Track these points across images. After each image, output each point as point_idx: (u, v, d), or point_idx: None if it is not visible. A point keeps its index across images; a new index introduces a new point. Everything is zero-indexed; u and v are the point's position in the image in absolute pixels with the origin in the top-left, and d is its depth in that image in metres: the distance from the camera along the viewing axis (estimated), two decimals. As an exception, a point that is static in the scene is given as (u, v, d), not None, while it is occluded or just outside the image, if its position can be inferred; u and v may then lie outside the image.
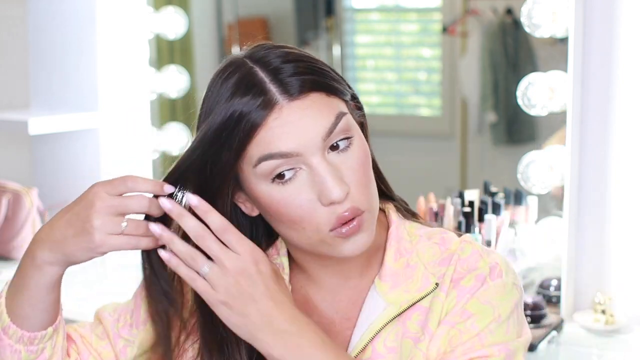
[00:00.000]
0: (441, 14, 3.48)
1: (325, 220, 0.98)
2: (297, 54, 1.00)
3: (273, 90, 0.96)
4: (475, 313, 1.01)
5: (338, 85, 1.00)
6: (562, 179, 1.95)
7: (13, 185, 2.50)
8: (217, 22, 3.48)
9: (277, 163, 0.96)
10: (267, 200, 0.99)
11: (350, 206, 0.98)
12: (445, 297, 1.03)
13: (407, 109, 3.69)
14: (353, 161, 0.99)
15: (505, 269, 1.05)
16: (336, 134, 0.97)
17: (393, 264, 1.06)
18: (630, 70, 1.89)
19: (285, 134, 0.95)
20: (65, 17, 2.56)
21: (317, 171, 0.96)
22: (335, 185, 0.96)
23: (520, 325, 1.04)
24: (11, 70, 2.71)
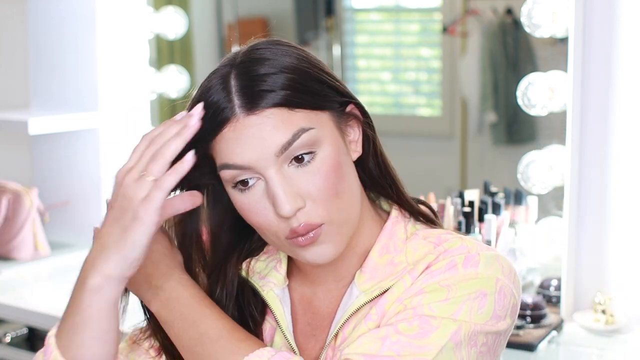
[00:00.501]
0: (441, 14, 3.47)
1: (281, 229, 0.99)
2: (283, 65, 0.99)
3: (234, 102, 0.97)
4: (428, 291, 0.98)
5: (312, 99, 0.99)
6: (562, 179, 1.95)
7: (13, 185, 2.50)
8: (217, 22, 3.48)
9: (235, 173, 0.98)
10: (233, 202, 1.02)
11: (304, 222, 0.98)
12: (412, 281, 1.02)
13: (407, 109, 3.69)
14: (314, 175, 0.98)
15: (485, 262, 1.00)
16: (295, 149, 0.97)
17: (377, 259, 1.06)
18: (630, 70, 1.89)
19: (240, 147, 0.97)
20: (65, 17, 2.56)
21: (269, 184, 0.97)
22: (285, 202, 0.96)
23: (483, 315, 0.97)
24: (11, 70, 2.71)
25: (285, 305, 1.10)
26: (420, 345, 0.94)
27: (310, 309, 1.11)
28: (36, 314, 2.08)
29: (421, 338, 0.94)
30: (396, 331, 0.95)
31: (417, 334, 0.95)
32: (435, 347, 0.94)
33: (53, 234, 2.61)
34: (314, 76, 1.00)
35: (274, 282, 1.10)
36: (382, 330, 0.97)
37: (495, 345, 1.01)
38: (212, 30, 3.46)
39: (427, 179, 3.14)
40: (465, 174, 3.35)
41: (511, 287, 1.01)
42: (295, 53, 1.01)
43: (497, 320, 0.99)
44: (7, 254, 2.46)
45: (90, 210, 2.60)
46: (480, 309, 0.97)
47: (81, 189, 2.61)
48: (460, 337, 0.95)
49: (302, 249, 1.00)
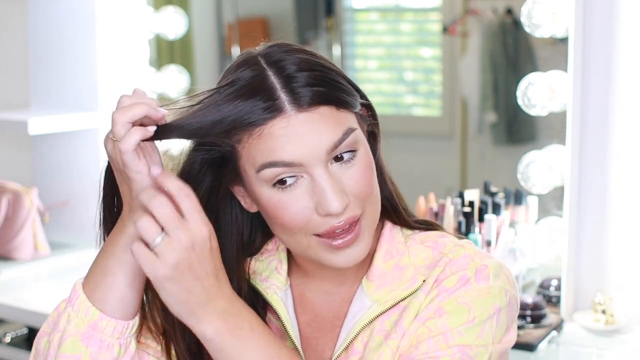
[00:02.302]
0: (441, 14, 3.47)
1: (318, 227, 0.98)
2: (313, 63, 0.99)
3: (283, 98, 0.95)
4: (449, 312, 1.00)
5: (349, 98, 1.00)
6: (562, 179, 1.95)
7: (13, 185, 2.50)
8: (217, 22, 3.48)
9: (279, 171, 0.96)
10: (265, 202, 1.00)
11: (345, 217, 0.98)
12: (425, 296, 1.03)
13: (407, 109, 3.68)
14: (355, 173, 0.99)
15: (494, 273, 1.02)
16: (342, 148, 0.98)
17: (382, 265, 1.06)
18: (630, 70, 1.89)
19: (290, 144, 0.95)
20: (65, 17, 2.56)
21: (318, 182, 0.97)
22: (334, 199, 0.96)
23: (500, 330, 1.01)
24: (11, 70, 2.71)
25: (289, 307, 1.10)
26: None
27: (311, 310, 1.11)
28: (36, 314, 2.08)
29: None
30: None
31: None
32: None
33: (53, 234, 2.61)
34: (343, 75, 1.02)
35: (277, 284, 1.10)
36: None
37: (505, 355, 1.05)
38: (212, 30, 3.46)
39: (427, 179, 3.13)
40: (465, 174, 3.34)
41: (515, 294, 1.04)
42: (315, 53, 1.02)
43: (508, 332, 1.03)
44: (7, 254, 2.46)
45: (90, 210, 2.57)
46: (498, 325, 1.00)
47: (81, 189, 2.61)
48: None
49: (334, 251, 0.99)
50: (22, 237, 2.45)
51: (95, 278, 1.01)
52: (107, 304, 0.99)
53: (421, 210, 2.06)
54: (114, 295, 0.99)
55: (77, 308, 1.00)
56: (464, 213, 2.00)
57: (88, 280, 1.01)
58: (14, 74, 2.71)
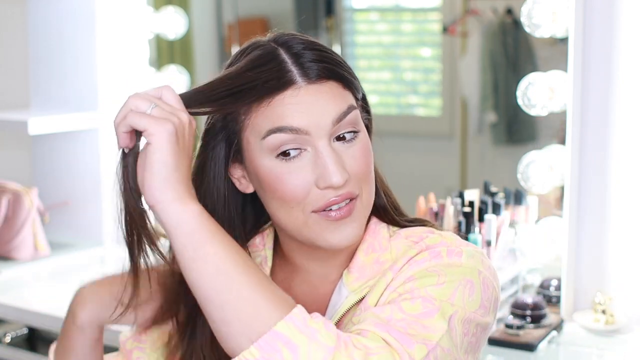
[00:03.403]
0: (441, 14, 3.47)
1: (314, 202, 1.00)
2: (318, 44, 1.04)
3: (294, 71, 1.00)
4: (418, 277, 0.99)
5: (353, 80, 1.05)
6: (562, 179, 1.95)
7: (13, 185, 2.50)
8: (217, 22, 3.48)
9: (285, 138, 0.99)
10: (265, 174, 1.01)
11: (343, 192, 1.00)
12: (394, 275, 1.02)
13: (407, 108, 3.69)
14: (356, 152, 1.02)
15: (467, 254, 1.02)
16: (345, 124, 1.01)
17: (363, 258, 1.08)
18: (630, 70, 1.89)
19: (299, 111, 0.99)
20: (65, 17, 2.56)
21: (321, 154, 1.00)
22: (336, 171, 0.99)
23: (473, 303, 0.99)
24: (11, 70, 2.71)
25: None
26: (426, 326, 0.94)
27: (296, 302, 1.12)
28: (36, 314, 2.08)
29: (426, 318, 0.95)
30: (400, 309, 0.96)
31: (422, 314, 0.95)
32: (439, 329, 0.94)
33: (53, 234, 2.61)
34: (347, 65, 1.06)
35: None
36: (385, 309, 0.96)
37: (480, 340, 1.02)
38: (212, 30, 3.46)
39: (427, 179, 3.14)
40: (465, 174, 3.35)
41: (492, 280, 1.03)
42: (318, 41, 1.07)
43: (484, 311, 1.00)
44: (7, 254, 2.46)
45: (90, 210, 2.60)
46: (470, 297, 0.99)
47: (81, 189, 2.61)
48: (455, 322, 0.97)
49: (329, 227, 1.01)
50: (22, 237, 2.45)
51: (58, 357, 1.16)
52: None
53: (421, 210, 2.06)
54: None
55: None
56: (464, 213, 2.00)
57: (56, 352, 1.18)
58: (14, 74, 2.71)
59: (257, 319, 0.89)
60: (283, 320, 0.88)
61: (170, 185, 0.90)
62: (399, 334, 0.92)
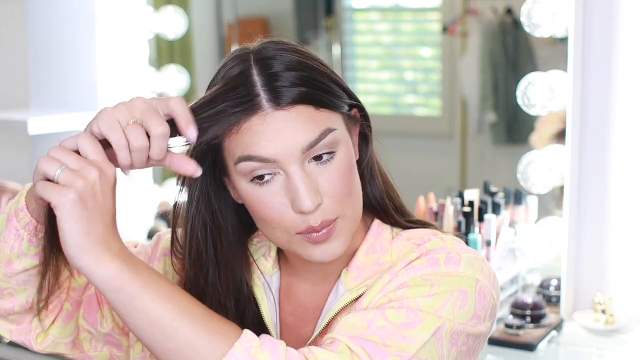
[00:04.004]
0: (441, 14, 3.47)
1: (295, 225, 1.00)
2: (301, 63, 1.00)
3: (261, 96, 0.97)
4: (411, 285, 0.99)
5: (332, 99, 1.01)
6: (562, 179, 1.95)
7: (13, 185, 2.50)
8: (217, 22, 3.48)
9: (255, 165, 0.98)
10: (244, 196, 1.02)
11: (322, 220, 0.99)
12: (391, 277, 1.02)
13: (407, 109, 3.68)
14: (332, 174, 1.00)
15: (466, 262, 1.01)
16: (319, 148, 0.99)
17: (363, 258, 1.08)
18: (630, 70, 1.89)
19: (266, 140, 0.97)
20: (65, 17, 2.56)
21: (292, 179, 0.98)
22: (307, 197, 0.97)
23: (465, 314, 0.98)
24: (11, 70, 2.71)
25: (275, 293, 1.12)
26: (405, 336, 0.94)
27: (295, 300, 1.13)
28: (36, 314, 2.08)
29: (407, 329, 0.95)
30: (383, 316, 0.96)
31: (404, 324, 0.95)
32: (419, 341, 0.94)
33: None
34: (332, 77, 1.03)
35: (262, 269, 1.12)
36: (369, 313, 0.97)
37: (475, 347, 1.02)
38: (212, 30, 3.46)
39: (427, 179, 3.13)
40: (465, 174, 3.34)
41: (490, 288, 1.02)
42: (306, 52, 1.03)
43: (477, 321, 1.00)
44: (7, 254, 2.46)
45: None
46: (462, 308, 0.98)
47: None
48: (442, 334, 0.96)
49: (312, 246, 1.01)
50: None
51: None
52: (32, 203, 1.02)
53: (421, 210, 2.06)
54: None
55: (18, 197, 1.06)
56: (464, 213, 2.00)
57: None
58: (14, 74, 2.70)
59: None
60: (225, 358, 0.89)
61: (85, 251, 0.90)
62: (374, 347, 0.92)
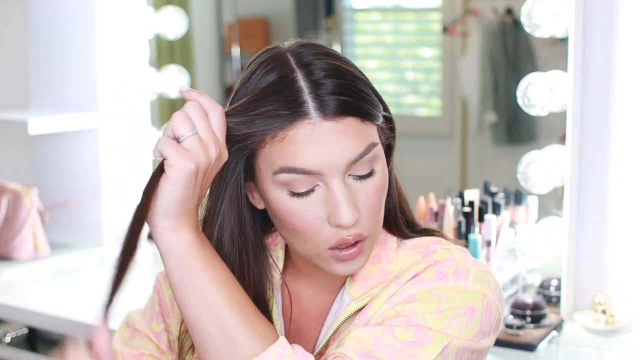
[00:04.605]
0: (441, 14, 3.47)
1: (328, 239, 0.98)
2: (342, 70, 0.98)
3: (309, 104, 0.94)
4: (419, 300, 0.99)
5: (374, 111, 0.99)
6: (562, 179, 1.95)
7: (13, 185, 2.50)
8: (217, 22, 3.48)
9: (297, 177, 0.96)
10: (276, 206, 0.99)
11: (355, 232, 0.98)
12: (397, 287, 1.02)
13: (407, 108, 3.69)
14: (370, 190, 0.99)
15: (474, 276, 1.01)
16: (362, 163, 0.97)
17: (368, 267, 1.06)
18: (630, 70, 1.89)
19: (312, 152, 0.94)
20: (65, 17, 2.56)
21: (333, 193, 0.96)
22: (347, 211, 0.96)
23: (471, 330, 0.98)
24: (11, 70, 2.71)
25: (278, 302, 1.11)
26: (412, 355, 0.94)
27: (297, 306, 1.12)
28: (36, 314, 2.08)
29: (414, 347, 0.95)
30: (392, 334, 0.96)
31: (411, 342, 0.95)
32: (426, 359, 0.95)
33: (53, 234, 2.61)
34: (370, 85, 1.01)
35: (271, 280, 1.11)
36: (378, 329, 0.97)
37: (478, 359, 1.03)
38: (212, 30, 3.46)
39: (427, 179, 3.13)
40: (465, 174, 3.35)
41: (497, 302, 1.03)
42: (344, 58, 1.01)
43: (482, 337, 1.00)
44: (7, 254, 2.46)
45: (90, 210, 2.60)
46: (469, 325, 0.98)
47: (81, 189, 2.61)
48: (448, 352, 0.96)
49: (338, 262, 1.00)
50: (22, 237, 2.45)
51: None
52: None
53: (421, 210, 2.06)
54: None
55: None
56: (464, 213, 2.00)
57: None
58: (14, 74, 2.71)
59: (233, 354, 0.92)
60: (257, 357, 0.91)
61: (170, 215, 0.92)
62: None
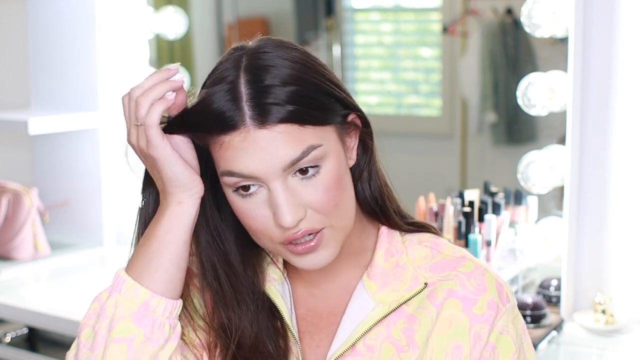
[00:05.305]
0: (441, 14, 3.47)
1: (277, 235, 1.00)
2: (289, 76, 0.97)
3: (244, 112, 0.95)
4: (497, 345, 1.04)
5: (318, 113, 0.98)
6: (562, 179, 1.95)
7: (13, 185, 2.50)
8: (217, 22, 3.48)
9: (238, 180, 0.98)
10: (231, 205, 1.02)
11: (304, 229, 0.99)
12: (438, 312, 1.04)
13: (407, 109, 3.68)
14: (317, 188, 0.99)
15: (508, 291, 1.07)
16: (302, 163, 0.97)
17: (383, 263, 1.07)
18: (630, 70, 1.89)
19: (246, 158, 0.96)
20: (65, 17, 2.56)
21: (273, 195, 0.98)
22: (287, 212, 0.97)
23: (529, 345, 1.09)
24: (11, 70, 2.71)
25: (287, 300, 1.11)
26: None
27: (304, 305, 1.12)
28: (36, 314, 2.08)
29: None
30: None
31: None
32: None
33: (53, 234, 2.61)
34: (323, 89, 1.00)
35: (274, 277, 1.11)
36: None
37: None
38: (212, 30, 3.46)
39: (427, 179, 3.14)
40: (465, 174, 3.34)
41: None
42: (303, 60, 1.00)
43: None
44: (7, 254, 2.46)
45: (90, 210, 2.60)
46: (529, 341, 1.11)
47: (81, 189, 2.61)
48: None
49: (296, 255, 1.01)
50: (22, 237, 2.45)
51: (141, 263, 1.03)
52: (156, 285, 1.01)
53: (421, 210, 2.06)
54: (161, 277, 1.02)
55: (125, 292, 1.01)
56: (464, 213, 2.00)
57: (133, 266, 1.03)
58: (14, 74, 2.71)
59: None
60: None
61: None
62: None
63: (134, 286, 1.01)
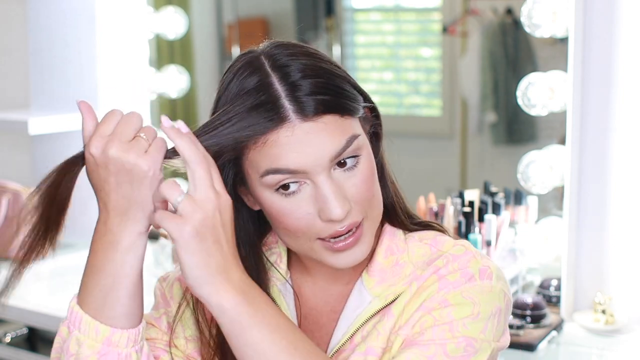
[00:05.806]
0: (441, 14, 3.47)
1: (323, 231, 1.00)
2: (318, 68, 0.99)
3: (287, 107, 0.96)
4: (454, 304, 1.01)
5: (353, 104, 1.00)
6: (562, 179, 1.95)
7: (13, 185, 2.50)
8: (217, 22, 3.47)
9: (283, 177, 0.97)
10: (267, 207, 1.01)
11: (347, 223, 0.99)
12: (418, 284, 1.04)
13: (407, 109, 3.68)
14: (358, 179, 1.00)
15: (496, 275, 1.04)
16: (346, 154, 0.99)
17: (382, 261, 1.08)
18: (630, 70, 1.89)
19: (295, 152, 0.96)
20: (65, 17, 2.56)
21: (320, 189, 0.98)
22: (337, 206, 0.97)
23: (499, 331, 1.03)
24: (11, 70, 2.71)
25: (289, 301, 1.11)
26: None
27: (306, 303, 1.12)
28: (36, 314, 2.08)
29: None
30: (444, 352, 0.98)
31: (462, 356, 0.98)
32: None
33: (53, 234, 2.61)
34: (349, 80, 1.02)
35: (276, 277, 1.12)
36: (430, 349, 0.99)
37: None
38: (212, 30, 3.46)
39: (427, 179, 3.13)
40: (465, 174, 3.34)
41: (510, 296, 1.07)
42: (320, 56, 1.02)
43: (503, 334, 1.05)
44: (7, 254, 2.46)
45: (90, 210, 2.60)
46: (498, 326, 1.03)
47: (81, 189, 2.61)
48: (488, 358, 1.01)
49: (335, 253, 1.01)
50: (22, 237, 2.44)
51: (95, 299, 0.99)
52: (114, 320, 0.98)
53: (421, 210, 2.06)
54: (119, 311, 0.98)
55: (84, 330, 0.98)
56: (464, 213, 2.00)
57: (87, 301, 1.00)
58: (14, 74, 2.71)
59: None
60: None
61: (204, 281, 0.90)
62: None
63: (92, 324, 0.98)
